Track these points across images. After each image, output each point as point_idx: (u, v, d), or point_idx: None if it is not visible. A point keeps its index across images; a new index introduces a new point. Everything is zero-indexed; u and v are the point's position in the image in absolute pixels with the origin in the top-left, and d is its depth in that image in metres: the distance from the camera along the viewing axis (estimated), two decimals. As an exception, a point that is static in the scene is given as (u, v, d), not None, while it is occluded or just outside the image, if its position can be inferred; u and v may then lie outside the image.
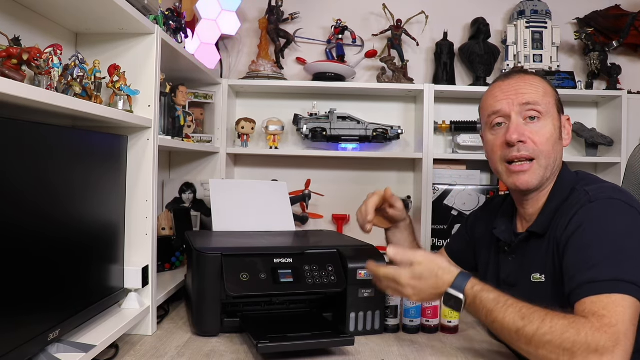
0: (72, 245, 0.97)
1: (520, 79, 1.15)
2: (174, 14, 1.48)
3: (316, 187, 2.21)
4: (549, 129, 1.11)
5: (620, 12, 2.30)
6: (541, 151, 1.10)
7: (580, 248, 1.00)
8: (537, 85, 1.14)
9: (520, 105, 1.11)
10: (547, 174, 1.12)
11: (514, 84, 1.14)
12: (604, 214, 1.01)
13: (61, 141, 0.94)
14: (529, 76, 1.16)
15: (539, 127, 1.11)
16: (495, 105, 1.15)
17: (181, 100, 1.53)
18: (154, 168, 1.23)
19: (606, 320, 0.89)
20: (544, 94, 1.13)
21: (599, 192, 1.04)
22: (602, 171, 2.25)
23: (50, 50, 0.91)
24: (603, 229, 0.99)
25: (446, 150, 2.33)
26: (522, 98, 1.12)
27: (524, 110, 1.11)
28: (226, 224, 1.53)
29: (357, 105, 2.30)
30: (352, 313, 1.20)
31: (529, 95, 1.12)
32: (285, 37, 2.26)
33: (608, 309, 0.90)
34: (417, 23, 2.32)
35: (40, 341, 0.85)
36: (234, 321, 1.21)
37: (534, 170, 1.11)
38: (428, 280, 1.04)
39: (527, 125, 1.11)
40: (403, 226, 1.42)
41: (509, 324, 0.94)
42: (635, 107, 2.18)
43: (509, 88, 1.14)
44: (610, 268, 0.94)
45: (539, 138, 1.10)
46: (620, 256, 0.95)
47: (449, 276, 1.03)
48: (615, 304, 0.90)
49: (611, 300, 0.91)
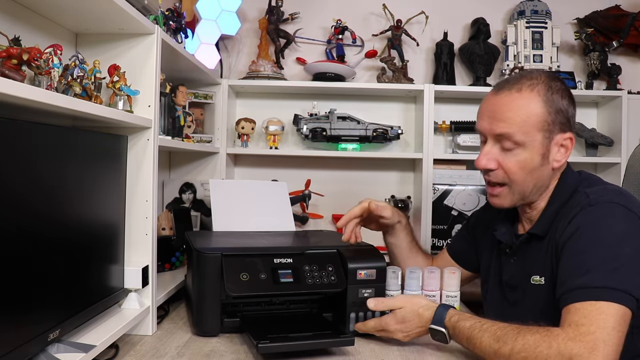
0: (72, 245, 0.97)
1: (505, 98, 1.08)
2: (174, 14, 1.48)
3: (316, 187, 2.21)
4: (523, 157, 1.07)
5: (620, 12, 2.30)
6: (512, 180, 1.09)
7: (575, 253, 0.99)
8: (519, 111, 1.06)
9: (494, 135, 1.09)
10: (525, 196, 1.11)
11: (497, 105, 1.09)
12: (602, 219, 1.00)
13: (61, 141, 0.94)
14: (515, 95, 1.07)
15: (512, 156, 1.08)
16: (479, 122, 1.14)
17: (181, 100, 1.53)
18: (154, 168, 1.23)
19: (583, 329, 0.89)
20: (525, 120, 1.05)
21: (599, 196, 1.03)
22: (602, 171, 2.25)
23: (50, 50, 0.91)
24: (599, 234, 0.98)
25: (446, 150, 2.33)
26: (497, 127, 1.07)
27: (500, 140, 1.09)
28: (226, 224, 1.53)
29: (357, 105, 2.30)
30: (352, 313, 1.20)
31: (504, 126, 1.06)
32: (285, 37, 2.26)
33: (589, 317, 0.90)
34: (417, 23, 2.32)
35: (40, 341, 0.85)
36: (234, 321, 1.21)
37: (505, 195, 1.11)
38: (412, 321, 1.11)
39: (502, 152, 1.09)
40: (399, 228, 1.42)
41: (486, 348, 0.97)
42: (635, 107, 2.18)
43: (492, 109, 1.10)
44: (602, 275, 0.93)
45: (511, 166, 1.08)
46: (614, 263, 0.94)
47: (429, 312, 1.09)
48: (597, 312, 0.90)
49: (595, 308, 0.91)
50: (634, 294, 0.92)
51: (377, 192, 2.28)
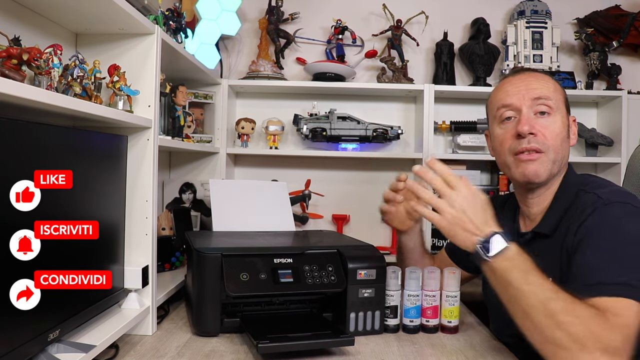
0: (71, 245, 0.96)
1: (530, 75, 1.17)
2: (174, 14, 1.48)
3: (316, 187, 2.21)
4: (558, 125, 1.12)
5: (620, 12, 2.30)
6: (550, 145, 1.10)
7: (594, 250, 0.97)
8: (548, 81, 1.15)
9: (531, 99, 1.12)
10: (555, 169, 1.11)
11: (525, 79, 1.15)
12: (620, 218, 0.99)
13: (61, 141, 0.94)
14: (538, 73, 1.18)
15: (549, 122, 1.11)
16: (506, 98, 1.15)
17: (181, 100, 1.53)
18: (154, 168, 1.23)
19: (622, 320, 0.86)
20: (554, 90, 1.14)
21: (612, 196, 1.03)
22: (602, 171, 2.25)
23: (50, 50, 0.91)
24: (618, 233, 0.97)
25: (446, 150, 2.33)
26: (533, 92, 1.12)
27: (535, 104, 1.12)
28: (226, 224, 1.53)
29: (357, 105, 2.31)
30: (352, 313, 1.20)
31: (540, 90, 1.13)
32: (285, 37, 2.26)
33: (623, 309, 0.87)
34: (417, 23, 2.32)
35: (40, 341, 0.85)
36: (234, 321, 1.21)
37: (543, 161, 1.10)
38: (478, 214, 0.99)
39: (538, 119, 1.11)
40: (417, 230, 1.41)
41: (538, 292, 0.90)
42: (635, 107, 2.18)
43: (520, 82, 1.15)
44: (622, 271, 0.92)
45: (548, 132, 1.10)
46: (633, 261, 0.93)
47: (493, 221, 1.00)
48: (627, 307, 0.88)
49: (623, 304, 0.88)
50: None
51: (377, 192, 2.28)
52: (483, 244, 0.98)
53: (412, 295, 1.23)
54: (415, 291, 1.23)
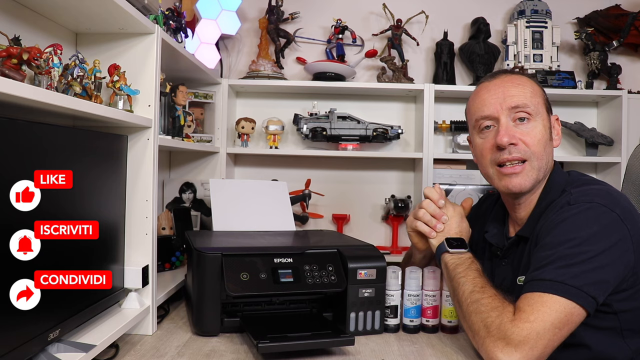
0: (71, 245, 0.96)
1: (507, 80, 1.12)
2: (174, 14, 1.48)
3: (316, 187, 2.21)
4: (539, 130, 1.09)
5: (620, 12, 2.30)
6: (533, 152, 1.08)
7: (543, 247, 1.00)
8: (524, 86, 1.10)
9: (509, 108, 1.08)
10: (540, 175, 1.10)
11: (502, 85, 1.11)
12: (575, 217, 0.99)
13: (61, 141, 0.94)
14: (515, 76, 1.13)
15: (529, 128, 1.08)
16: (483, 109, 1.11)
17: (181, 100, 1.53)
18: (154, 168, 1.23)
19: (524, 315, 0.92)
20: (532, 94, 1.10)
21: (581, 195, 1.02)
22: (602, 171, 2.26)
23: (50, 50, 0.91)
24: (568, 232, 0.98)
25: (446, 150, 2.33)
26: (510, 101, 1.08)
27: (513, 112, 1.09)
28: (226, 224, 1.53)
29: (357, 105, 2.31)
30: (352, 313, 1.20)
31: (517, 97, 1.08)
32: (285, 36, 2.27)
33: (533, 306, 0.92)
34: (417, 23, 2.32)
35: (40, 341, 0.85)
36: (234, 321, 1.21)
37: (526, 172, 1.08)
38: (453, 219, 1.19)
39: (517, 127, 1.08)
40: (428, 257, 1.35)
41: (471, 286, 1.04)
42: (635, 107, 2.18)
43: (497, 89, 1.11)
44: (557, 269, 0.94)
45: (530, 139, 1.08)
46: (572, 260, 0.94)
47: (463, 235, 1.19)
48: (542, 303, 0.92)
49: (541, 299, 0.92)
50: (590, 293, 0.91)
51: (377, 192, 2.29)
52: (450, 241, 1.16)
53: (412, 295, 1.23)
54: (416, 291, 1.23)
